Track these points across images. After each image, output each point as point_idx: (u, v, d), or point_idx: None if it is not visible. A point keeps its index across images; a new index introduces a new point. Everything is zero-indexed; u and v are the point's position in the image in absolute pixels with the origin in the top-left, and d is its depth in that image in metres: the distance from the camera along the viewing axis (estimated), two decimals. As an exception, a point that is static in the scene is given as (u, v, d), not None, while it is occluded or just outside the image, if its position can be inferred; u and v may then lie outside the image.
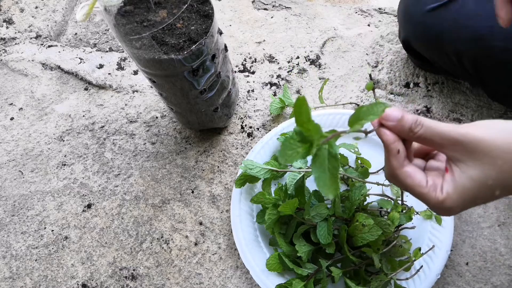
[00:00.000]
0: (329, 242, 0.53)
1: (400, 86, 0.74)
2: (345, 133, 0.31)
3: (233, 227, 0.61)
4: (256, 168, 0.60)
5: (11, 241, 0.69)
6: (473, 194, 0.34)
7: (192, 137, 0.74)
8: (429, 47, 0.64)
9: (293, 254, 0.56)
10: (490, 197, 0.34)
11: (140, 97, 0.79)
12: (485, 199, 0.34)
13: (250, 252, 0.60)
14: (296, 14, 0.85)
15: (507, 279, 0.58)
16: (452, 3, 0.57)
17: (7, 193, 0.73)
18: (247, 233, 0.61)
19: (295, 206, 0.54)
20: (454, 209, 0.35)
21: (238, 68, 0.79)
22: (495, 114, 0.68)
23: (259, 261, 0.59)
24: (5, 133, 0.79)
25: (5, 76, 0.86)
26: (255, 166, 0.60)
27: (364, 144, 0.64)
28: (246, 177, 0.61)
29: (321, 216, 0.54)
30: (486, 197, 0.34)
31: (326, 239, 0.53)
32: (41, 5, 0.94)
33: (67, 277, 0.66)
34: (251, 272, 0.59)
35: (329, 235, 0.53)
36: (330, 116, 0.66)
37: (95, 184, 0.72)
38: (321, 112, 0.67)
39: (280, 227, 0.58)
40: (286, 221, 0.58)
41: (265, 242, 0.61)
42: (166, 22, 0.50)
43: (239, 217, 0.62)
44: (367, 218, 0.52)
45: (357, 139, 0.38)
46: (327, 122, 0.67)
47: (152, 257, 0.65)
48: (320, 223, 0.54)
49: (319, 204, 0.55)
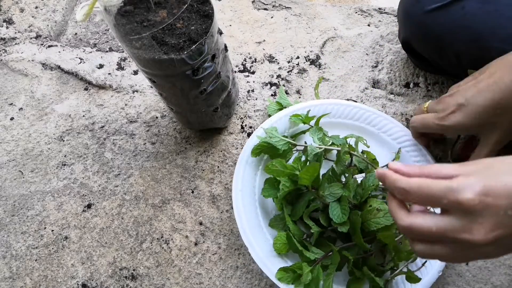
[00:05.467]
0: (344, 220, 0.50)
1: (400, 86, 0.74)
2: None
3: (234, 203, 0.59)
4: (276, 137, 0.56)
5: (11, 241, 0.69)
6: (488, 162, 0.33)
7: (192, 137, 0.74)
8: (429, 47, 0.64)
9: (299, 235, 0.54)
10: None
11: (140, 97, 0.79)
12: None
13: (251, 230, 0.58)
14: (296, 14, 0.85)
15: (507, 279, 0.58)
16: (452, 4, 0.57)
17: (7, 193, 0.73)
18: (248, 210, 0.60)
19: (315, 174, 0.51)
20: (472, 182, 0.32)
21: (238, 68, 0.79)
22: (495, 114, 0.68)
23: (260, 241, 0.58)
24: (5, 133, 0.79)
25: (5, 76, 0.86)
26: (275, 136, 0.57)
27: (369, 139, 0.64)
28: (264, 146, 0.58)
29: (334, 195, 0.52)
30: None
31: (340, 218, 0.50)
32: (41, 5, 0.94)
33: (67, 277, 0.66)
34: (250, 251, 0.57)
35: (344, 214, 0.50)
36: (336, 106, 0.66)
37: (95, 184, 0.72)
38: (317, 102, 0.66)
39: (286, 206, 0.56)
40: (292, 201, 0.56)
41: (266, 222, 0.59)
42: (166, 22, 0.50)
43: (241, 192, 0.60)
44: (382, 203, 0.50)
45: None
46: (321, 111, 0.65)
47: (152, 257, 0.65)
48: (333, 203, 0.52)
49: (334, 184, 0.52)
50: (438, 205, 0.33)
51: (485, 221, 0.31)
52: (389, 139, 0.64)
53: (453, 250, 0.33)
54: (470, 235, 0.31)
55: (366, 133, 0.65)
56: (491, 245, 0.31)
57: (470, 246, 0.32)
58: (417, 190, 0.34)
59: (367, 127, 0.65)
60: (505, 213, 0.30)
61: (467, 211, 0.31)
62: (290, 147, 0.58)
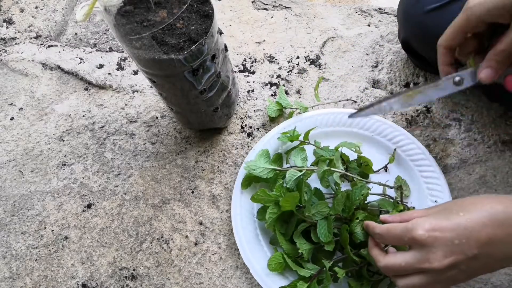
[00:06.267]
0: (330, 240, 0.53)
1: (400, 86, 0.74)
2: None
3: (234, 226, 0.62)
4: (258, 168, 0.60)
5: (11, 241, 0.69)
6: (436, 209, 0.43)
7: (192, 137, 0.74)
8: (428, 48, 0.64)
9: (294, 253, 0.56)
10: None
11: (140, 97, 0.79)
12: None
13: (251, 250, 0.60)
14: (296, 14, 0.85)
15: (507, 279, 0.58)
16: (451, 4, 0.57)
17: (7, 193, 0.73)
18: (247, 231, 0.61)
19: (295, 201, 0.54)
20: (422, 224, 0.40)
21: (238, 68, 0.79)
22: (495, 114, 0.68)
23: (260, 259, 0.59)
24: (5, 133, 0.79)
25: (5, 76, 0.86)
26: (257, 167, 0.60)
27: (365, 144, 0.65)
28: (251, 177, 0.62)
29: (321, 214, 0.54)
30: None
31: (326, 237, 0.53)
32: (41, 5, 0.94)
33: (67, 277, 0.66)
34: (251, 270, 0.59)
35: (329, 233, 0.53)
36: (326, 115, 0.67)
37: (95, 184, 0.72)
38: (319, 112, 0.68)
39: (281, 226, 0.58)
40: (286, 220, 0.58)
41: (266, 240, 0.61)
42: (166, 22, 0.50)
43: (240, 215, 0.62)
44: (367, 217, 0.52)
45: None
46: (323, 122, 0.67)
47: (152, 257, 0.65)
48: (320, 221, 0.54)
49: (320, 202, 0.55)
50: (403, 243, 0.42)
51: (437, 251, 0.38)
52: (384, 140, 0.65)
53: (427, 278, 0.39)
54: (429, 264, 0.38)
55: (360, 137, 0.66)
56: (452, 270, 0.38)
57: (435, 273, 0.38)
58: (387, 233, 0.44)
59: (360, 132, 0.66)
60: (452, 243, 0.37)
61: (422, 244, 0.39)
62: (276, 173, 0.61)
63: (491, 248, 0.37)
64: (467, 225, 0.37)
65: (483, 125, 0.68)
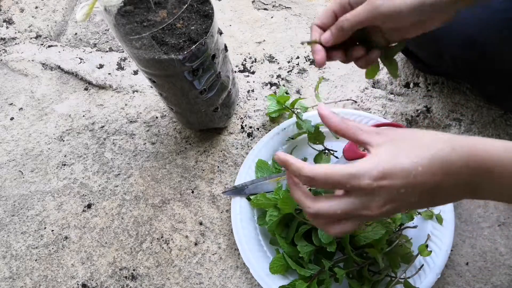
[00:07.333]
0: (331, 241, 0.53)
1: (400, 86, 0.74)
2: None
3: (234, 226, 0.62)
4: (263, 199, 0.58)
5: (11, 241, 0.69)
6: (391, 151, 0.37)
7: (192, 137, 0.74)
8: (426, 51, 0.64)
9: (295, 255, 0.56)
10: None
11: (140, 97, 0.79)
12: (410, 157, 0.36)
13: (251, 250, 0.60)
14: (296, 14, 0.85)
15: (507, 279, 0.58)
16: None
17: (7, 193, 0.73)
18: (247, 231, 0.61)
19: (294, 203, 0.54)
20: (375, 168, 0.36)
21: (238, 68, 0.79)
22: (495, 114, 0.68)
23: (260, 259, 0.59)
24: (5, 133, 0.79)
25: (5, 76, 0.86)
26: (262, 200, 0.58)
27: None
28: (262, 208, 0.60)
29: None
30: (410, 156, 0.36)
31: (327, 238, 0.53)
32: (41, 5, 0.94)
33: (67, 277, 0.66)
34: (252, 271, 0.59)
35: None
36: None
37: (95, 184, 0.72)
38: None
39: (282, 229, 0.58)
40: (287, 223, 0.58)
41: (266, 240, 0.61)
42: (166, 22, 0.50)
43: (240, 215, 0.62)
44: None
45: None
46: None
47: (152, 257, 0.65)
48: None
49: None
50: (342, 188, 0.38)
51: (381, 199, 0.36)
52: None
53: (356, 223, 0.38)
54: (369, 211, 0.36)
55: None
56: (388, 214, 0.37)
57: (370, 218, 0.37)
58: (323, 178, 0.37)
59: None
60: (398, 192, 0.35)
61: (367, 193, 0.36)
62: (279, 183, 0.61)
63: (433, 193, 0.36)
64: (417, 174, 0.35)
65: (483, 125, 0.68)
